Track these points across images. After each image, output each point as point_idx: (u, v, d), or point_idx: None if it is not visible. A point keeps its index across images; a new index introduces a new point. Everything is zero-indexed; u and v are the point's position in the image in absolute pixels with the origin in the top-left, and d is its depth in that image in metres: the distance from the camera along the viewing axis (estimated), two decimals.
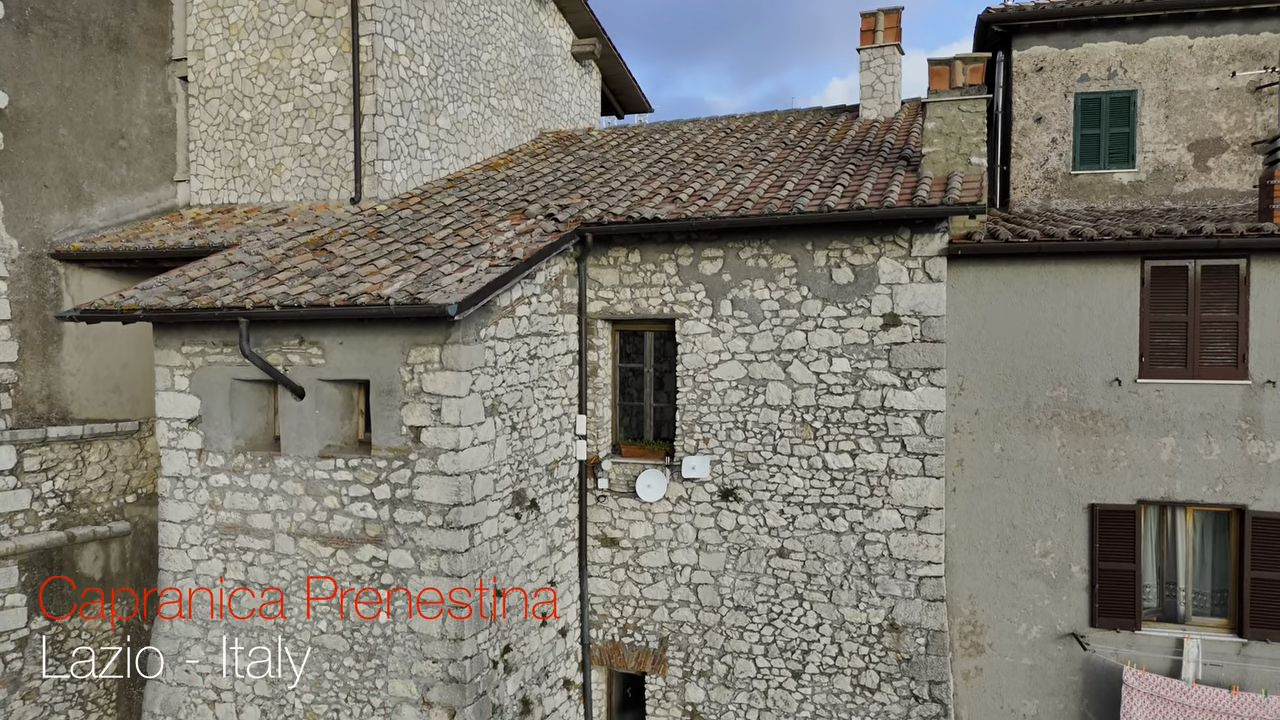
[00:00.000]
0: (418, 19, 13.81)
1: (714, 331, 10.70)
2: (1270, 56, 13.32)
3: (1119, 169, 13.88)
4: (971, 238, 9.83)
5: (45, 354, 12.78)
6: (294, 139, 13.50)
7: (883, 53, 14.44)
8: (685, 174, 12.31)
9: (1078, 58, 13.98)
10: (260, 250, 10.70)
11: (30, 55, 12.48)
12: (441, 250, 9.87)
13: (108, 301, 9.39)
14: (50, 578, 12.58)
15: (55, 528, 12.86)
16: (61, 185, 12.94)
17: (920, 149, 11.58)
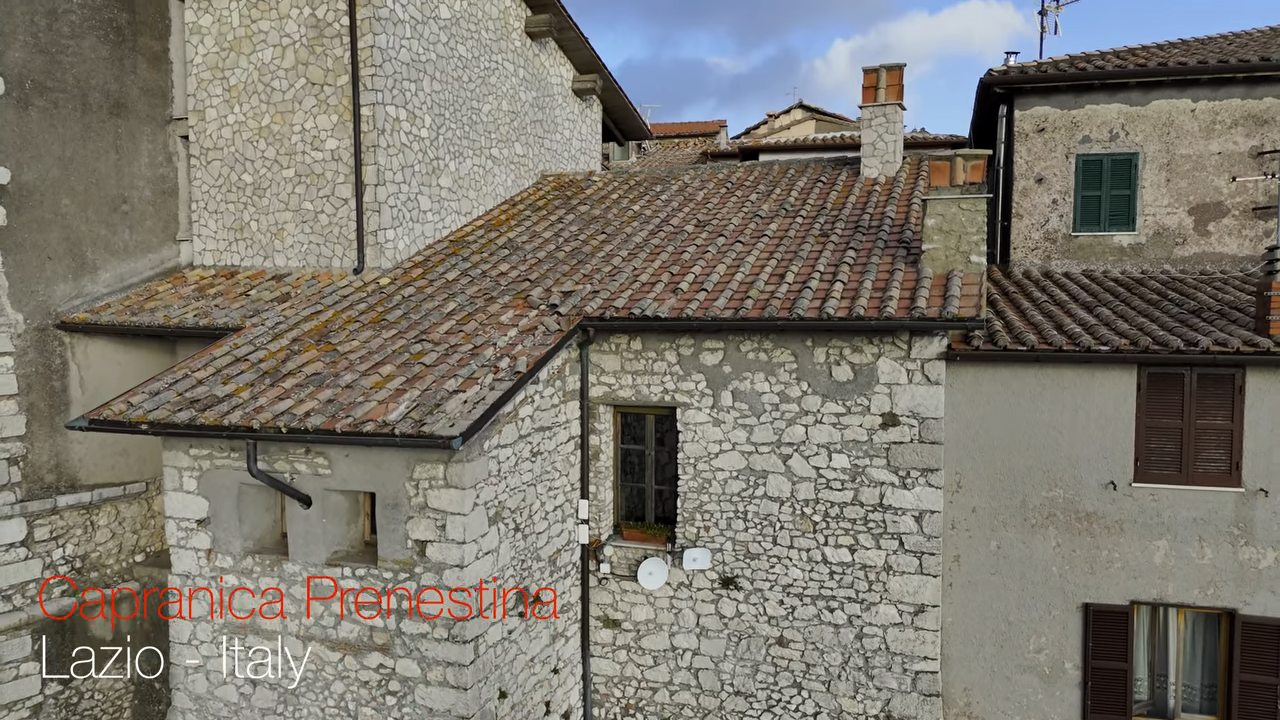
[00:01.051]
0: (418, 81, 13.78)
1: (715, 421, 10.82)
2: (1273, 122, 13.32)
3: (1119, 231, 13.93)
4: (970, 341, 9.91)
5: (53, 424, 12.91)
6: (296, 205, 13.53)
7: (884, 111, 14.41)
8: (687, 250, 12.36)
9: (1080, 119, 13.97)
10: (265, 343, 10.79)
11: (31, 128, 12.48)
12: (446, 354, 9.96)
13: (116, 412, 9.50)
14: (63, 643, 12.82)
15: (66, 594, 13.07)
16: (65, 255, 12.99)
17: (920, 227, 11.64)
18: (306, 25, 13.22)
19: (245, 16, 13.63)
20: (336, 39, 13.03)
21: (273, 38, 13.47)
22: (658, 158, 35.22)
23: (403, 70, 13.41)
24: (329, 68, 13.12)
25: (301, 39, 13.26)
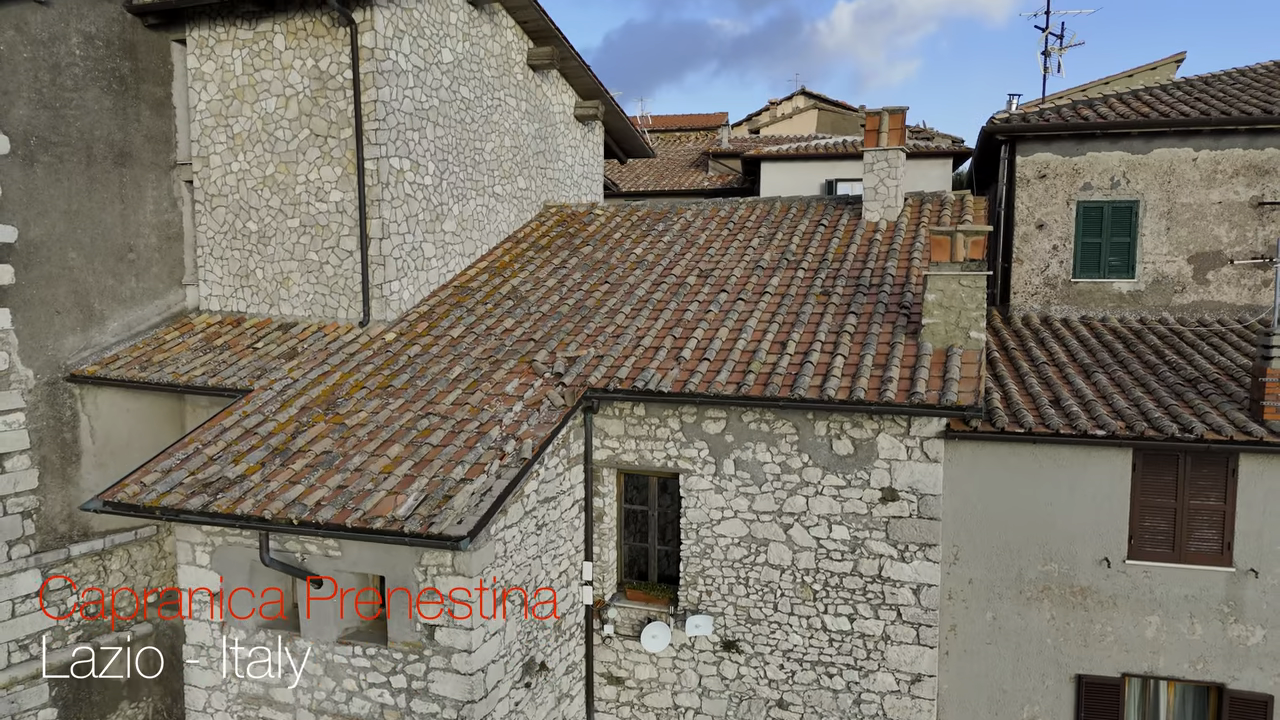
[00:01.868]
0: (421, 130, 13.81)
1: (717, 489, 11.02)
2: (1274, 172, 13.38)
3: (1119, 279, 14.04)
4: (968, 421, 10.07)
5: (65, 475, 13.11)
6: (301, 255, 13.62)
7: (886, 156, 14.45)
8: (689, 308, 12.47)
9: (1081, 166, 14.02)
10: (273, 413, 10.95)
11: (37, 184, 12.55)
12: (453, 431, 10.13)
13: (131, 495, 9.69)
14: (80, 688, 13.12)
15: (81, 640, 13.36)
16: (73, 308, 13.11)
17: (920, 287, 11.76)
18: (309, 77, 13.23)
19: (248, 65, 13.63)
20: (339, 91, 13.05)
21: (276, 88, 13.48)
22: (659, 154, 35.12)
23: (406, 120, 13.44)
24: (332, 120, 13.15)
25: (305, 90, 13.27)
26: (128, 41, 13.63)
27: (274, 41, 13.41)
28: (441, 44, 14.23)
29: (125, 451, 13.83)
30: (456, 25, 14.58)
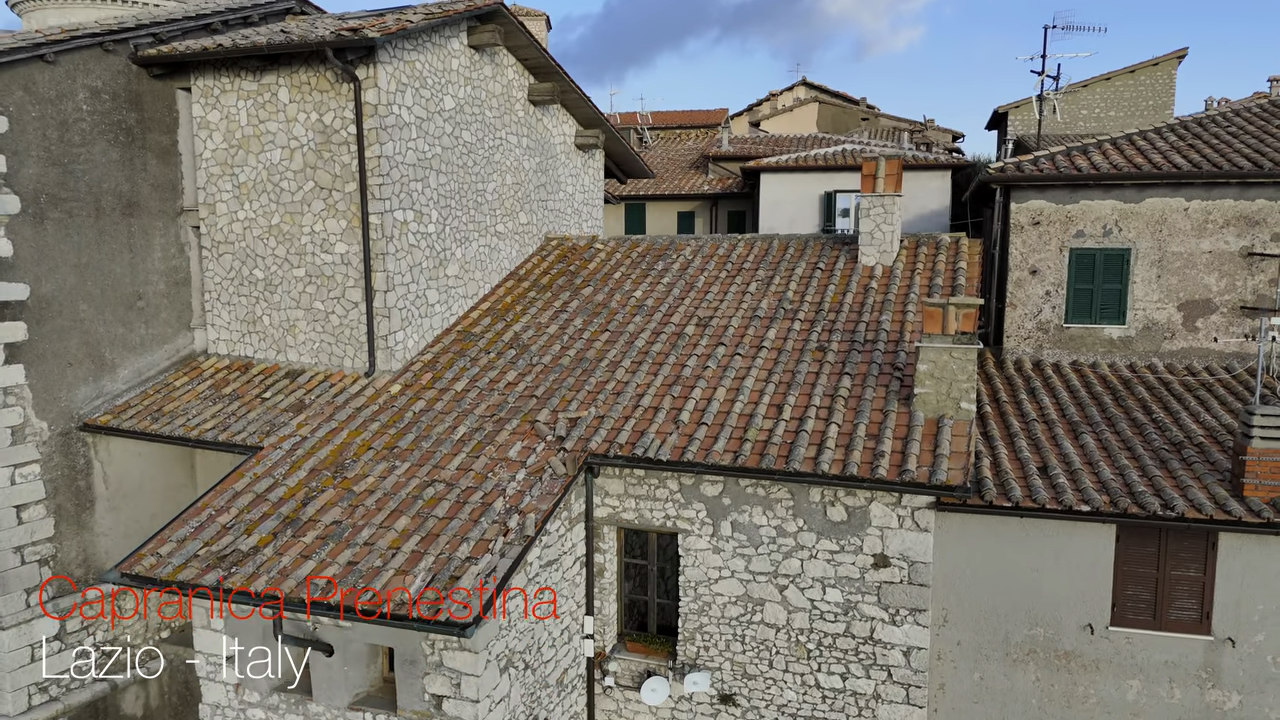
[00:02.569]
0: (424, 179, 14.02)
1: (715, 550, 11.36)
2: (1265, 223, 13.60)
3: (1110, 324, 14.32)
4: (954, 490, 10.37)
5: (79, 521, 13.47)
6: (307, 304, 13.88)
7: (882, 202, 14.65)
8: (688, 363, 12.75)
9: (1074, 214, 14.25)
10: (284, 477, 11.27)
11: (48, 241, 12.79)
12: (459, 501, 10.46)
13: (147, 568, 10.03)
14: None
15: (98, 678, 13.78)
16: (85, 359, 13.39)
17: (915, 347, 12.03)
18: (314, 130, 13.41)
19: (253, 116, 13.81)
20: (344, 146, 13.25)
21: (280, 139, 13.67)
22: (659, 153, 35.23)
23: (409, 172, 13.65)
24: (337, 173, 13.36)
25: (309, 143, 13.47)
26: (133, 92, 13.80)
27: (278, 94, 13.58)
28: (444, 91, 14.40)
29: (138, 494, 14.20)
30: (458, 71, 14.73)
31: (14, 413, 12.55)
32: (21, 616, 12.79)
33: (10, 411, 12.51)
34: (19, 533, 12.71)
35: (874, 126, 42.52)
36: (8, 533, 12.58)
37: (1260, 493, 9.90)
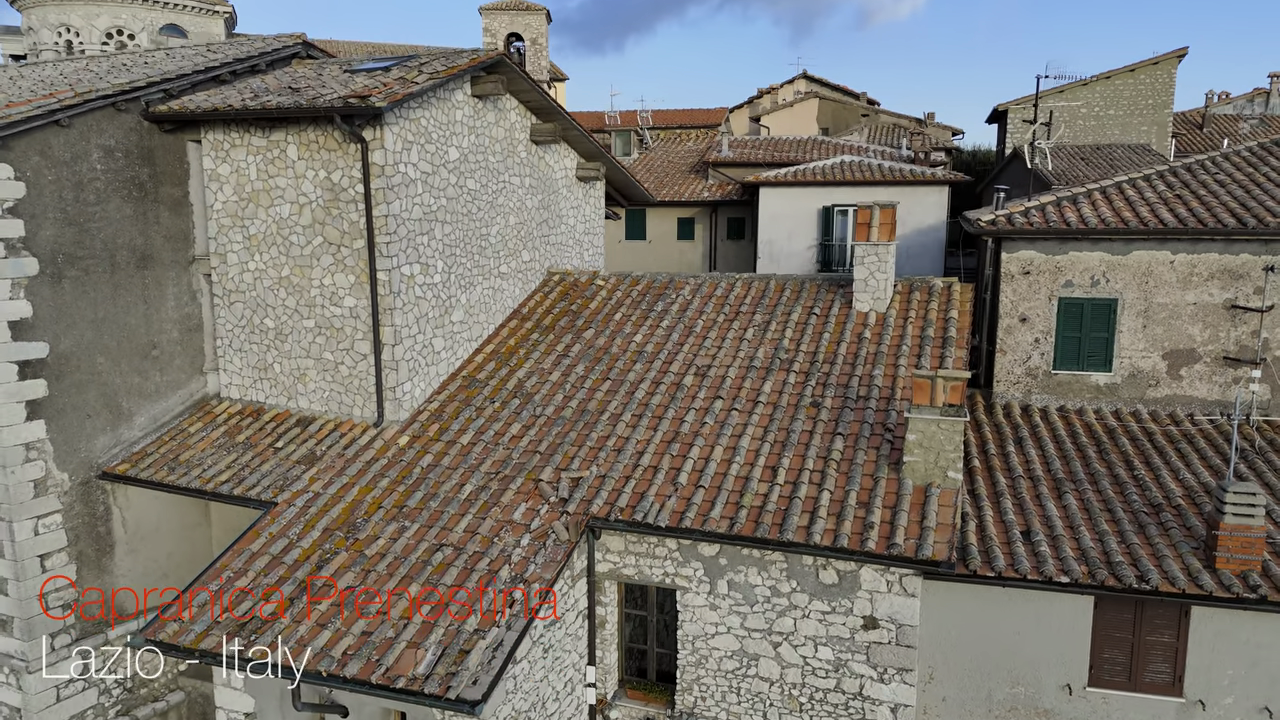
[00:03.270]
0: (430, 232, 14.38)
1: (711, 606, 11.87)
2: (1248, 277, 13.99)
3: (1097, 372, 14.74)
4: (939, 566, 10.85)
5: (100, 565, 13.98)
6: (317, 354, 14.30)
7: (876, 250, 15.02)
8: (686, 418, 13.19)
9: (1063, 264, 14.62)
10: (298, 538, 11.76)
11: (65, 299, 13.19)
12: (466, 567, 10.95)
13: (171, 634, 10.54)
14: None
15: (120, 714, 14.39)
16: (103, 410, 13.84)
17: (905, 408, 12.48)
18: (322, 187, 13.76)
19: (262, 171, 14.15)
20: (351, 204, 13.60)
21: (289, 194, 14.03)
22: (659, 155, 35.47)
23: (415, 226, 14.01)
24: (345, 230, 13.72)
25: (318, 200, 13.82)
26: (145, 148, 14.14)
27: (287, 151, 13.91)
28: (448, 143, 14.72)
29: (155, 536, 14.70)
30: (462, 121, 15.04)
31: (36, 466, 13.02)
32: (47, 660, 13.34)
33: (32, 465, 12.98)
34: (43, 581, 13.22)
35: (874, 123, 42.64)
36: (32, 581, 13.10)
37: (1231, 565, 10.38)
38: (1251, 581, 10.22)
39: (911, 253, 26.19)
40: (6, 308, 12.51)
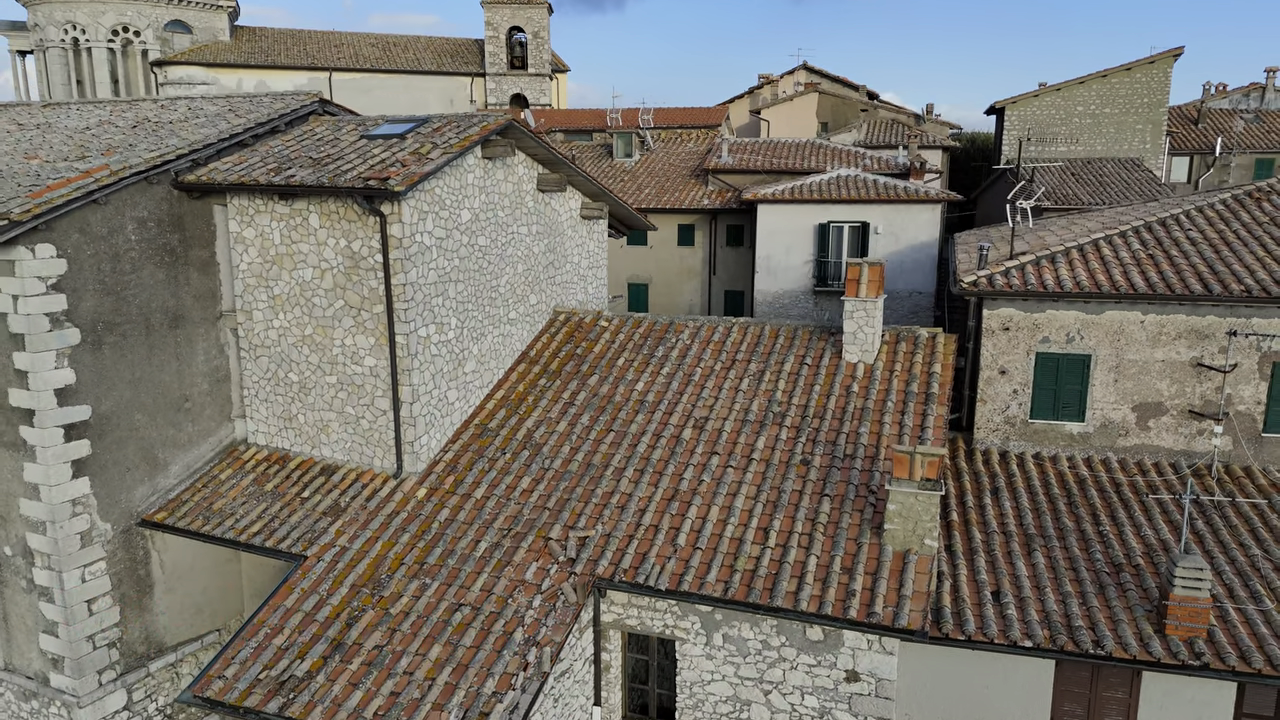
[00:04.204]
0: (444, 293, 15.27)
1: (708, 656, 12.96)
2: (1213, 337, 14.90)
3: (1071, 422, 15.71)
4: (913, 634, 11.90)
5: (141, 605, 15.08)
6: (339, 408, 15.27)
7: (865, 305, 15.91)
8: (685, 473, 14.19)
9: (1040, 322, 15.54)
10: (328, 595, 12.82)
11: (105, 364, 14.14)
12: (484, 628, 12.01)
13: (217, 691, 11.63)
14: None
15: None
16: (141, 462, 14.85)
17: (887, 489, 13.47)
18: (343, 255, 14.63)
19: (286, 237, 15.02)
20: (371, 272, 14.48)
21: (311, 259, 14.90)
22: (660, 157, 36.14)
23: (431, 289, 14.90)
24: (365, 295, 14.62)
25: (339, 266, 14.70)
26: (175, 215, 14.99)
27: (309, 219, 14.77)
28: (461, 206, 15.56)
29: (190, 574, 15.78)
30: (473, 183, 15.86)
31: (82, 520, 14.06)
32: (96, 695, 14.49)
33: (79, 519, 14.02)
34: (90, 623, 14.33)
35: (872, 119, 43.15)
36: (80, 625, 14.20)
37: (1179, 632, 11.43)
38: (1196, 649, 11.28)
39: (905, 268, 27.03)
40: (53, 377, 13.46)
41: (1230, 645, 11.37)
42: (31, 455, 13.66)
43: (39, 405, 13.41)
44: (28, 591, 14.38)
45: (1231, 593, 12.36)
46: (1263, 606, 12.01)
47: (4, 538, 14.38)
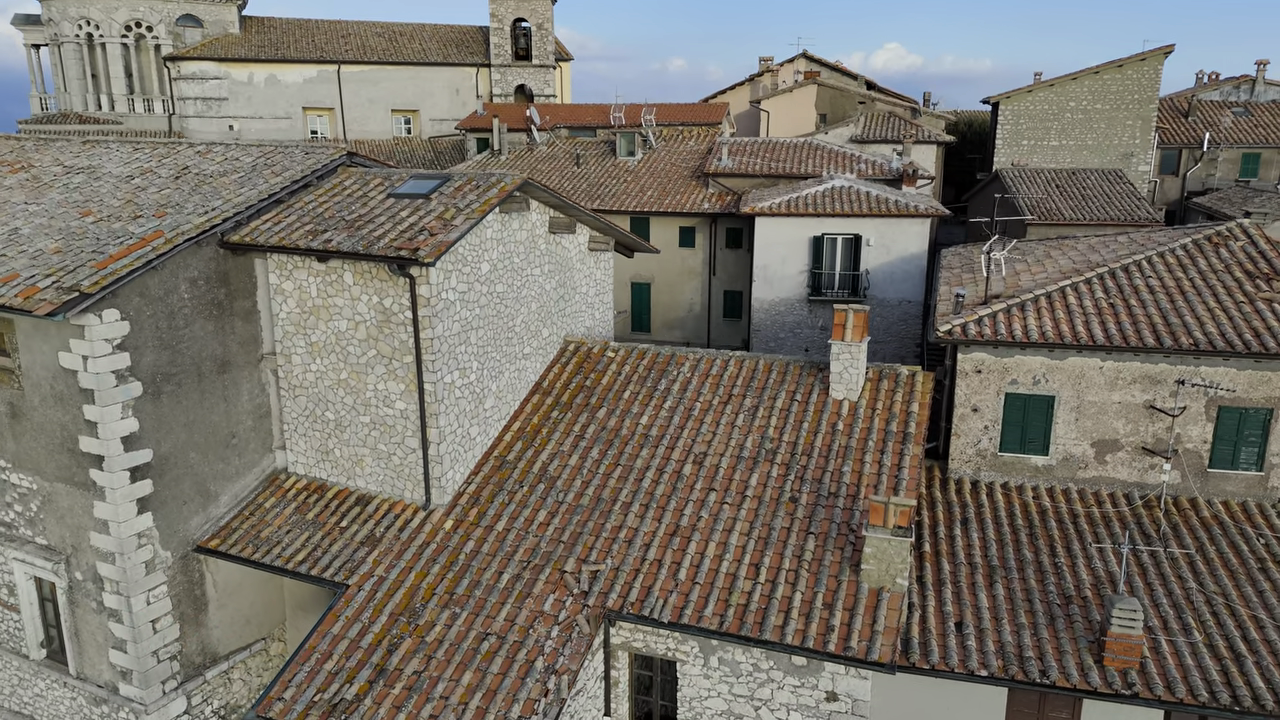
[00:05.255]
0: (467, 340, 16.80)
1: (705, 675, 14.71)
2: (1164, 383, 16.46)
3: (1036, 455, 17.32)
4: (883, 667, 13.59)
5: (197, 621, 16.83)
6: (372, 445, 16.88)
7: (850, 349, 17.43)
8: (686, 509, 15.84)
9: (1009, 365, 17.08)
10: (370, 623, 14.54)
11: (163, 411, 15.72)
12: (509, 655, 13.73)
13: (278, 713, 13.38)
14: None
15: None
16: (195, 495, 16.50)
17: (867, 503, 15.10)
18: (375, 310, 16.13)
19: (322, 291, 16.51)
20: (401, 326, 15.99)
21: (346, 312, 16.40)
22: (662, 156, 37.33)
23: (455, 339, 16.42)
24: (395, 347, 16.14)
25: (371, 319, 16.20)
26: (221, 271, 16.46)
27: (344, 276, 16.24)
28: (480, 259, 17.02)
29: (239, 590, 17.51)
30: (492, 237, 17.30)
31: (146, 550, 15.74)
32: (160, 703, 16.29)
33: (144, 550, 15.70)
34: (154, 640, 16.09)
35: (870, 111, 44.18)
36: (146, 642, 15.95)
37: (1116, 664, 13.14)
38: (1129, 679, 13.00)
39: (895, 278, 28.47)
40: (119, 426, 15.05)
41: (1159, 676, 13.09)
42: (101, 495, 15.29)
43: (107, 452, 15.01)
44: (98, 612, 16.11)
45: (1166, 624, 14.06)
46: (1192, 639, 13.71)
47: (76, 565, 16.07)
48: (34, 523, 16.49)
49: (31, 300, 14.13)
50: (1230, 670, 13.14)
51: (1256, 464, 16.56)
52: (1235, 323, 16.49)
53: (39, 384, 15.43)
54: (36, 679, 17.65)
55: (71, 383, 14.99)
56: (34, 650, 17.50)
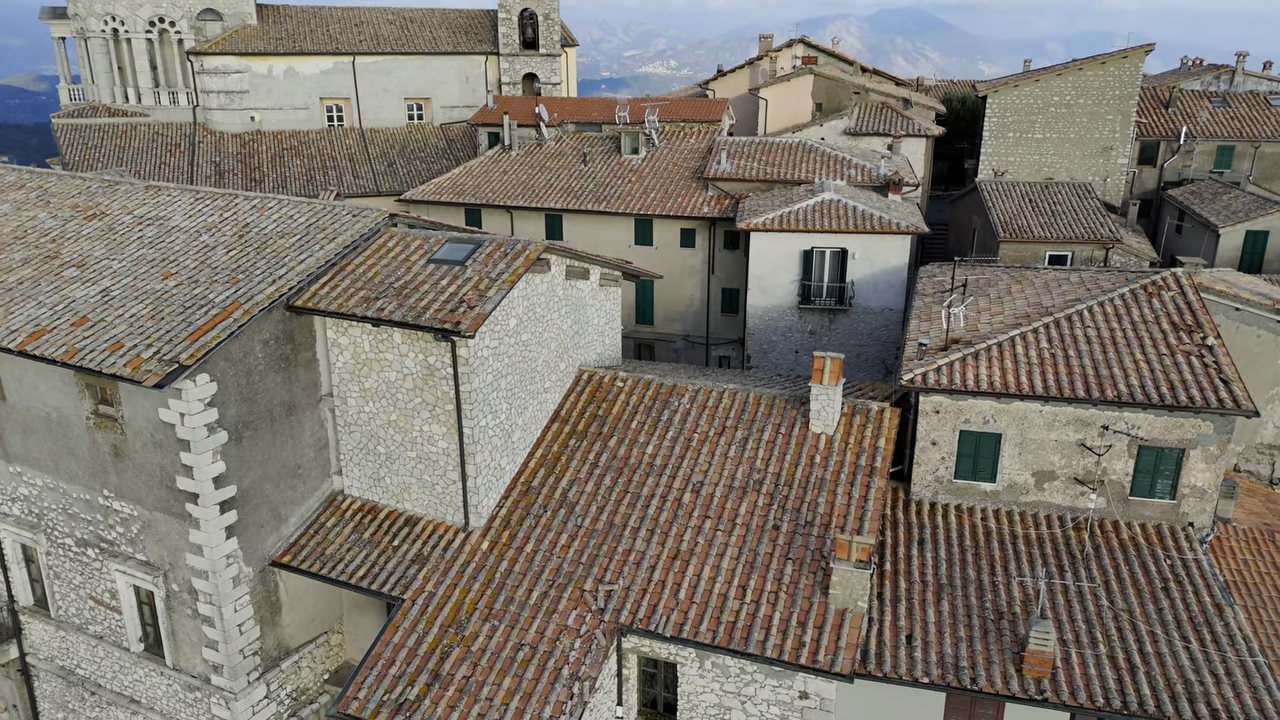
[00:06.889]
0: (498, 386, 19.64)
1: (700, 675, 17.88)
2: (1093, 425, 19.35)
3: (985, 482, 20.30)
4: (844, 677, 16.68)
5: (273, 622, 20.01)
6: (418, 476, 19.83)
7: (827, 391, 20.28)
8: (685, 534, 18.86)
9: (964, 407, 19.96)
10: (424, 634, 17.65)
11: (244, 453, 18.65)
12: (541, 665, 16.86)
13: (355, 709, 16.55)
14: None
15: (289, 715, 20.74)
16: (269, 519, 19.52)
17: (836, 538, 18.11)
18: (421, 366, 18.94)
19: (374, 346, 19.29)
20: (443, 380, 18.80)
21: (395, 366, 19.21)
22: (664, 154, 39.61)
23: (489, 387, 19.25)
24: (439, 397, 18.98)
25: (417, 373, 19.02)
26: (287, 330, 19.22)
27: (393, 336, 19.01)
28: (509, 315, 19.76)
29: (305, 595, 20.64)
30: (518, 295, 20.01)
31: (233, 569, 18.82)
32: (245, 691, 19.53)
33: (231, 568, 18.77)
34: (241, 640, 19.26)
35: (864, 102, 46.19)
36: (235, 642, 19.13)
37: (1033, 673, 16.26)
38: (1042, 686, 16.13)
39: (879, 288, 31.12)
40: (211, 469, 17.98)
41: (1066, 684, 16.22)
42: (195, 524, 18.30)
43: (201, 490, 17.97)
44: (192, 617, 19.25)
45: (1078, 638, 17.16)
46: (1098, 651, 16.81)
47: (173, 578, 19.16)
48: (134, 542, 19.53)
49: (139, 371, 16.93)
50: (1125, 680, 16.28)
51: (1170, 493, 19.50)
52: (1155, 375, 19.30)
53: (140, 431, 18.32)
54: (135, 668, 20.89)
55: (169, 433, 17.87)
56: (133, 644, 20.71)
